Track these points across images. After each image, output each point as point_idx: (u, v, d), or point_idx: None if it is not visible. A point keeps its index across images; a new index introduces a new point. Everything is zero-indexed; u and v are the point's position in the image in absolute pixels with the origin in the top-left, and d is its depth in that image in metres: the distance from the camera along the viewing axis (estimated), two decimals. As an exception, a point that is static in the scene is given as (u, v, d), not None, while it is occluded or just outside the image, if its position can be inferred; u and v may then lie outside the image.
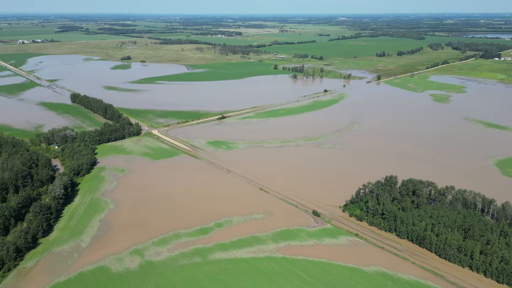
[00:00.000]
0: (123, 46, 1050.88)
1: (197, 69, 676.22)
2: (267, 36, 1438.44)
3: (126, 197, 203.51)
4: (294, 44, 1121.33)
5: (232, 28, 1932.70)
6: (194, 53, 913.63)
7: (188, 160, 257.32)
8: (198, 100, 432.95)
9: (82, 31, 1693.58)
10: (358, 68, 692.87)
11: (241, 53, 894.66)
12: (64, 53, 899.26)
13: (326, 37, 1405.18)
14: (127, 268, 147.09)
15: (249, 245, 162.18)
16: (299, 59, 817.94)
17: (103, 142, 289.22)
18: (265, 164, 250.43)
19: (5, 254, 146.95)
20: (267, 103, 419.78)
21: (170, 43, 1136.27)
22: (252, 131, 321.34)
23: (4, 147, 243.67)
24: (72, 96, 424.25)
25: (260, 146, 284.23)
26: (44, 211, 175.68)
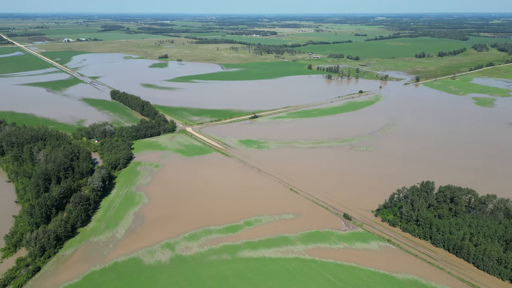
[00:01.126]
0: (161, 45, 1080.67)
1: (231, 69, 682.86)
2: (302, 36, 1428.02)
3: (160, 191, 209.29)
4: (329, 44, 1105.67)
5: (267, 28, 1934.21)
6: (229, 52, 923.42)
7: (220, 158, 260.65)
8: (231, 99, 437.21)
9: (123, 30, 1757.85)
10: (395, 69, 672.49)
11: (275, 52, 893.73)
12: (105, 51, 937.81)
13: (362, 37, 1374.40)
14: (158, 261, 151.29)
15: (277, 245, 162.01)
16: (334, 59, 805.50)
17: (139, 137, 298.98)
18: (296, 164, 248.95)
19: (46, 242, 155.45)
20: (300, 103, 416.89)
21: (206, 43, 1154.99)
22: (283, 131, 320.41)
23: (48, 140, 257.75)
24: (112, 93, 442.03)
25: (291, 146, 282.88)
26: (83, 202, 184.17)
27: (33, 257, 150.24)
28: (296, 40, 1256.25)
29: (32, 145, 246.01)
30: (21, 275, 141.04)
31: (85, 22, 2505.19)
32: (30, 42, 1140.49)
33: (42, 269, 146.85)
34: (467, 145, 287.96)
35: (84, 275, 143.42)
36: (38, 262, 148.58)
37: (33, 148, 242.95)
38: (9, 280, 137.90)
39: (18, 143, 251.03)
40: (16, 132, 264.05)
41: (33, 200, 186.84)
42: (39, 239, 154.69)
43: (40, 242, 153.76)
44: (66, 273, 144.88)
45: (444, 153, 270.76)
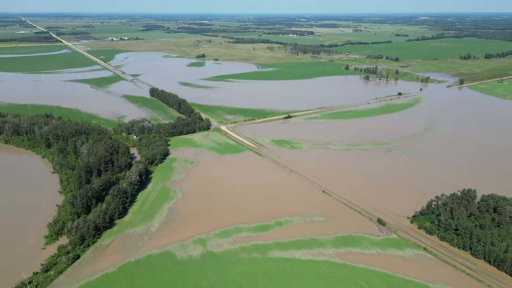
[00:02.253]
0: (198, 45, 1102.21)
1: (267, 68, 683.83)
2: (339, 36, 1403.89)
3: (193, 188, 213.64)
4: (368, 44, 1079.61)
5: (304, 28, 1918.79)
6: (265, 52, 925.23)
7: (253, 157, 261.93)
8: (265, 98, 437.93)
9: (163, 30, 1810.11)
10: (438, 71, 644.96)
11: (312, 52, 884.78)
12: (146, 50, 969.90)
13: (403, 38, 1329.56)
14: (190, 255, 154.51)
15: (308, 247, 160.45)
16: (373, 60, 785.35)
17: (175, 134, 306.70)
18: (329, 166, 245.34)
19: (86, 231, 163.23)
20: (335, 104, 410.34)
21: (243, 42, 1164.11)
22: (317, 132, 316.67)
23: (91, 134, 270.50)
24: (151, 91, 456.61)
25: (325, 148, 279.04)
26: (121, 195, 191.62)
27: (73, 245, 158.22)
28: (333, 40, 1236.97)
29: (76, 139, 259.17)
30: (62, 262, 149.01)
31: (128, 22, 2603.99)
32: (77, 40, 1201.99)
33: (81, 257, 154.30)
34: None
35: (119, 265, 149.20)
36: (77, 250, 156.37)
37: (77, 141, 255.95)
38: (50, 266, 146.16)
39: (64, 136, 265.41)
40: (62, 126, 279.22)
41: (75, 191, 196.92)
42: (79, 228, 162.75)
43: (80, 231, 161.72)
44: (103, 262, 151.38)
45: (488, 161, 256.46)
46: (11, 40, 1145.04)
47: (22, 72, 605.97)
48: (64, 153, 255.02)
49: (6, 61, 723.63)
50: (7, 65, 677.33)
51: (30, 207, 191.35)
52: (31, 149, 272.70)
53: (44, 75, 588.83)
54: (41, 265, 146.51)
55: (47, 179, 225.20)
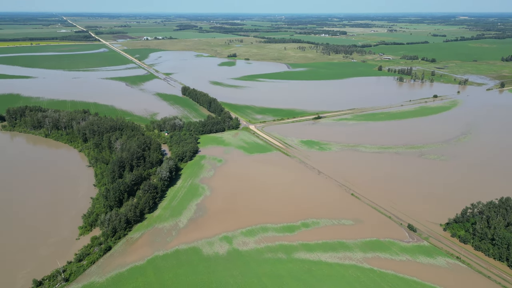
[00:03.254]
0: (230, 44, 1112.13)
1: (297, 68, 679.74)
2: (373, 36, 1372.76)
3: (221, 185, 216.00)
4: (403, 45, 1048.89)
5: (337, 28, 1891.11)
6: (296, 52, 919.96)
7: (280, 157, 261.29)
8: (295, 98, 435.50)
9: (196, 29, 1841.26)
10: (477, 73, 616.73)
11: (344, 53, 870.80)
12: (179, 49, 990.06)
13: (441, 38, 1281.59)
14: (216, 252, 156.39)
15: (335, 250, 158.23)
16: (408, 61, 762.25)
17: (205, 132, 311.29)
18: (359, 169, 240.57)
19: (118, 224, 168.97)
20: (367, 106, 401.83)
21: (274, 42, 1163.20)
22: (347, 133, 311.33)
23: (125, 131, 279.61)
24: (182, 89, 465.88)
25: (355, 150, 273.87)
26: (152, 190, 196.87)
27: (106, 237, 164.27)
28: (366, 40, 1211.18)
29: (111, 134, 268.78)
30: (94, 253, 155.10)
31: (163, 21, 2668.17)
32: (114, 39, 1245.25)
33: (112, 248, 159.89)
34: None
35: (148, 258, 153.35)
36: (109, 241, 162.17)
37: (111, 137, 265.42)
38: (83, 256, 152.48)
39: (99, 131, 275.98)
40: (98, 121, 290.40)
41: (108, 185, 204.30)
42: (111, 220, 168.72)
43: (112, 224, 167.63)
44: (133, 254, 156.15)
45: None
46: (53, 39, 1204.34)
47: (63, 70, 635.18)
48: (99, 148, 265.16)
49: (49, 59, 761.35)
50: (49, 62, 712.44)
51: (67, 198, 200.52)
52: (69, 143, 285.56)
53: (82, 72, 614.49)
54: (75, 255, 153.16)
55: (83, 173, 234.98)
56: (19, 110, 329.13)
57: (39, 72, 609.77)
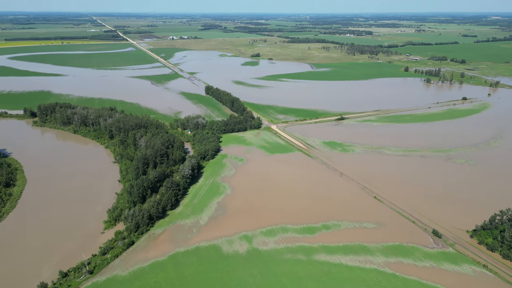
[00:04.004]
0: (254, 44, 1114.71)
1: (321, 68, 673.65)
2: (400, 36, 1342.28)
3: (242, 184, 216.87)
4: (431, 45, 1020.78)
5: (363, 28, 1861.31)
6: (320, 52, 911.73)
7: (302, 158, 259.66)
8: (318, 99, 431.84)
9: (221, 29, 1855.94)
10: (509, 76, 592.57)
11: (369, 53, 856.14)
12: (204, 49, 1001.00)
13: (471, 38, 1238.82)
14: (236, 251, 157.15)
15: (355, 253, 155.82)
16: (436, 61, 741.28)
17: (227, 132, 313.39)
18: (382, 171, 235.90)
19: (141, 219, 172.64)
20: (392, 107, 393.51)
21: (298, 42, 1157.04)
22: (372, 135, 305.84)
23: (149, 128, 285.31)
24: (206, 88, 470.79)
25: (379, 152, 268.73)
26: (174, 187, 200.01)
27: (129, 232, 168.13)
28: (393, 40, 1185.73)
29: (136, 132, 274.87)
30: (118, 247, 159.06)
31: (188, 21, 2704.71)
32: (141, 39, 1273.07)
33: (135, 243, 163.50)
34: None
35: (169, 254, 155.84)
36: (132, 236, 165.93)
37: (136, 134, 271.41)
38: (108, 250, 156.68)
39: (125, 129, 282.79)
40: (124, 119, 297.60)
41: (132, 181, 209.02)
42: (135, 216, 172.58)
43: (135, 219, 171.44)
44: (155, 250, 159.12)
45: None
46: (83, 38, 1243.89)
47: (92, 68, 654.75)
48: (124, 145, 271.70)
49: (79, 57, 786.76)
50: (79, 61, 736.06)
51: (93, 193, 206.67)
52: (96, 140, 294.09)
53: (110, 71, 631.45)
54: (100, 248, 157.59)
55: (109, 168, 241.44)
56: (50, 106, 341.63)
57: (69, 70, 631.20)
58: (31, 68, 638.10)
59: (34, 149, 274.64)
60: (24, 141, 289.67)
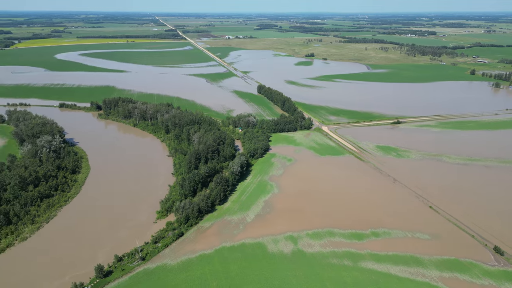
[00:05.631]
0: (308, 44, 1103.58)
1: (378, 69, 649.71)
2: (467, 37, 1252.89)
3: (290, 185, 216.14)
4: (502, 47, 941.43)
5: (425, 27, 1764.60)
6: (377, 52, 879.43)
7: (353, 161, 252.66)
8: (373, 101, 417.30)
9: (276, 28, 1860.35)
10: None
11: (431, 54, 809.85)
12: (258, 48, 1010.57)
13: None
14: (281, 251, 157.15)
15: (406, 264, 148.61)
16: (507, 65, 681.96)
17: (277, 131, 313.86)
18: (440, 180, 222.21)
19: (190, 212, 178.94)
20: (454, 113, 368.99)
21: (354, 42, 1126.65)
22: (430, 141, 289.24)
23: (202, 125, 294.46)
24: (258, 87, 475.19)
25: (437, 160, 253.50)
26: (223, 183, 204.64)
27: (179, 223, 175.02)
28: (459, 41, 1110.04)
29: (190, 128, 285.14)
30: (168, 237, 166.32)
31: (244, 21, 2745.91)
32: (198, 38, 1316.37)
33: (184, 235, 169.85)
34: None
35: (216, 248, 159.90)
36: (182, 228, 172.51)
37: (190, 130, 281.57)
38: (159, 239, 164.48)
39: (180, 124, 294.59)
40: (179, 115, 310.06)
41: (185, 175, 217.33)
42: (185, 208, 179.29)
43: (186, 211, 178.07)
44: (202, 243, 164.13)
45: None
46: (145, 37, 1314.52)
47: (152, 65, 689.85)
48: (179, 139, 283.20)
49: (141, 55, 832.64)
50: (141, 58, 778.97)
51: (149, 184, 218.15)
52: (153, 133, 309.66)
53: (169, 68, 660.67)
54: (152, 236, 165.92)
55: (163, 161, 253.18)
56: (113, 101, 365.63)
57: (132, 67, 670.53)
58: (98, 64, 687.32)
59: (98, 139, 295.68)
60: (90, 132, 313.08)
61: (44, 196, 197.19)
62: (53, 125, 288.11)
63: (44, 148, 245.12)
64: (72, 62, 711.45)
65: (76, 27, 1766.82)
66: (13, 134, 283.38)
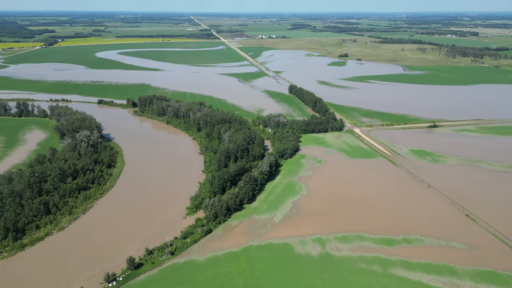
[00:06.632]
0: (342, 44, 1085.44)
1: (414, 71, 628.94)
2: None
3: (319, 186, 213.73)
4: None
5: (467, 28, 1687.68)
6: (415, 53, 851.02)
7: (385, 165, 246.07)
8: (408, 103, 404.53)
9: (310, 28, 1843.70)
10: None
11: (473, 56, 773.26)
12: (291, 48, 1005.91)
13: None
14: (308, 253, 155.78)
15: (439, 273, 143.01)
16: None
17: (307, 132, 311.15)
18: (479, 187, 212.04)
19: (219, 209, 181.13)
20: (496, 117, 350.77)
21: (390, 42, 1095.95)
22: (469, 146, 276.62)
23: (233, 124, 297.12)
24: (289, 88, 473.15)
25: (475, 166, 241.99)
26: (252, 182, 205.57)
27: (208, 220, 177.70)
28: (503, 42, 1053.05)
29: (221, 126, 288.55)
30: (197, 233, 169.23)
31: (278, 20, 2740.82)
32: (231, 37, 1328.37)
33: (212, 232, 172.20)
34: None
35: (243, 246, 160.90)
36: (210, 225, 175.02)
37: (221, 128, 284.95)
38: (188, 234, 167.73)
39: (211, 123, 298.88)
40: (211, 113, 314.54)
41: (214, 172, 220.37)
42: (214, 206, 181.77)
43: (214, 209, 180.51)
44: (230, 240, 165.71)
45: None
46: (180, 36, 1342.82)
47: (186, 64, 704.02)
48: (210, 138, 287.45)
49: (175, 54, 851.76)
50: (176, 57, 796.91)
51: (180, 180, 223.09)
52: (185, 131, 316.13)
53: (202, 67, 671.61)
54: (181, 232, 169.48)
55: (194, 159, 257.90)
56: (148, 98, 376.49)
57: (167, 65, 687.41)
58: (135, 63, 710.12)
59: (133, 135, 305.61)
60: (125, 128, 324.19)
61: (82, 188, 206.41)
62: (92, 121, 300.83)
63: (83, 142, 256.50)
64: (111, 60, 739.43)
65: (116, 27, 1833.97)
66: (55, 128, 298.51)
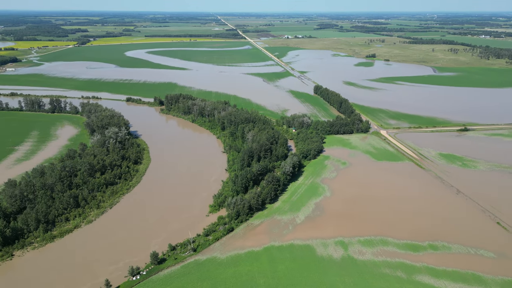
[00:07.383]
0: (370, 44, 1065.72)
1: (445, 73, 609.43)
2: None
3: (342, 188, 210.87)
4: None
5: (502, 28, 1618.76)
6: (446, 54, 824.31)
7: (412, 168, 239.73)
8: (438, 106, 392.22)
9: (337, 28, 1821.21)
10: None
11: (508, 57, 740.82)
12: (317, 48, 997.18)
13: None
14: (330, 255, 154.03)
15: (467, 282, 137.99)
16: None
17: (332, 133, 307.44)
18: (511, 194, 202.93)
19: (241, 208, 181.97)
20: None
21: (420, 43, 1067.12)
22: (502, 151, 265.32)
23: (257, 123, 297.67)
24: (315, 88, 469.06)
25: (508, 172, 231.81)
26: (274, 182, 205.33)
27: (230, 218, 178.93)
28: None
29: (245, 126, 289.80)
30: (219, 231, 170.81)
31: (304, 20, 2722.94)
32: (257, 37, 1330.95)
33: (234, 230, 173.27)
34: None
35: (264, 246, 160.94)
36: (232, 223, 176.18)
37: (245, 128, 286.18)
38: (210, 232, 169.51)
39: (235, 122, 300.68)
40: (235, 113, 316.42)
41: (237, 171, 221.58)
42: (236, 204, 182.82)
43: (237, 207, 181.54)
44: (251, 240, 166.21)
45: None
46: (207, 36, 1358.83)
47: (212, 64, 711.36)
48: (233, 137, 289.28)
49: (202, 54, 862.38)
50: (202, 57, 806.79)
51: (203, 178, 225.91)
52: (210, 130, 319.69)
53: (228, 67, 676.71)
54: (204, 229, 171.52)
55: (218, 157, 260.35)
56: (175, 97, 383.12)
57: (193, 65, 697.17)
58: (163, 62, 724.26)
59: (159, 133, 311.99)
60: (152, 126, 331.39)
61: (109, 183, 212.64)
62: (120, 118, 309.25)
63: (111, 138, 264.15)
64: (140, 59, 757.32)
65: (145, 27, 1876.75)
66: (85, 125, 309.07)
